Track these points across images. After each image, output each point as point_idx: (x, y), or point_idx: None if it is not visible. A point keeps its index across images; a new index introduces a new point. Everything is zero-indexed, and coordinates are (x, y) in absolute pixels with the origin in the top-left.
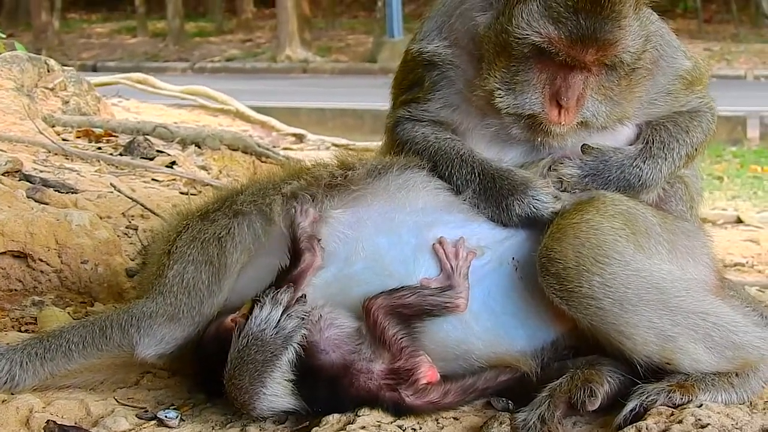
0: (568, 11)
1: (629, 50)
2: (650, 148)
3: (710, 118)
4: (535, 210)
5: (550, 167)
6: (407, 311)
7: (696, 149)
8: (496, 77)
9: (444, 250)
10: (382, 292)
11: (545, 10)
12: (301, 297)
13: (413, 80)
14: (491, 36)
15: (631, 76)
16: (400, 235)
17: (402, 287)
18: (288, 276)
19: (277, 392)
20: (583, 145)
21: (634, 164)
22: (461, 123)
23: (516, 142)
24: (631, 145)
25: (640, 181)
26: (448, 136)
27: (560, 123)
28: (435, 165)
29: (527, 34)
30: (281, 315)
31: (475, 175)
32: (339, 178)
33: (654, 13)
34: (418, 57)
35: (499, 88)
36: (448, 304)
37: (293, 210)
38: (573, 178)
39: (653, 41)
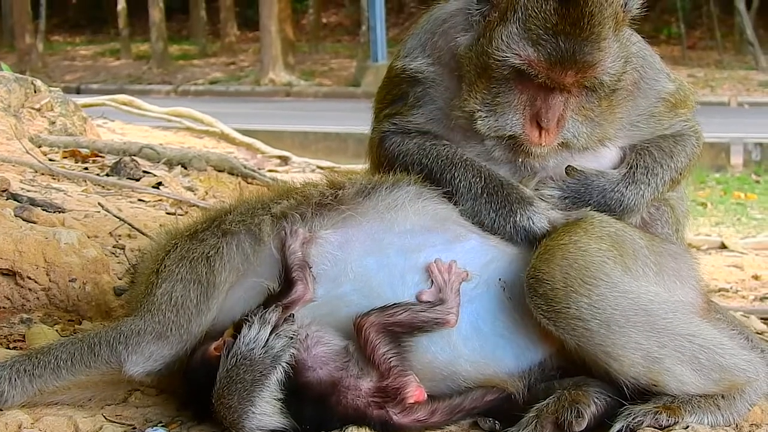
0: (548, 33)
1: (609, 72)
2: (633, 173)
3: (695, 142)
4: (531, 226)
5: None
6: (398, 329)
7: (680, 174)
8: (476, 99)
9: (436, 265)
10: (373, 309)
11: (525, 33)
12: (290, 316)
13: (397, 95)
14: (472, 57)
15: (611, 97)
16: (389, 256)
17: (393, 304)
18: (277, 303)
19: (265, 411)
20: (568, 166)
21: (616, 189)
22: (446, 139)
23: (498, 162)
24: (614, 167)
25: (621, 206)
26: (445, 143)
27: (541, 144)
28: (433, 172)
29: (507, 56)
30: (270, 334)
31: (481, 179)
32: (329, 198)
33: (636, 34)
34: (402, 74)
35: (480, 110)
36: (439, 320)
37: (283, 231)
38: (552, 199)
39: (634, 63)
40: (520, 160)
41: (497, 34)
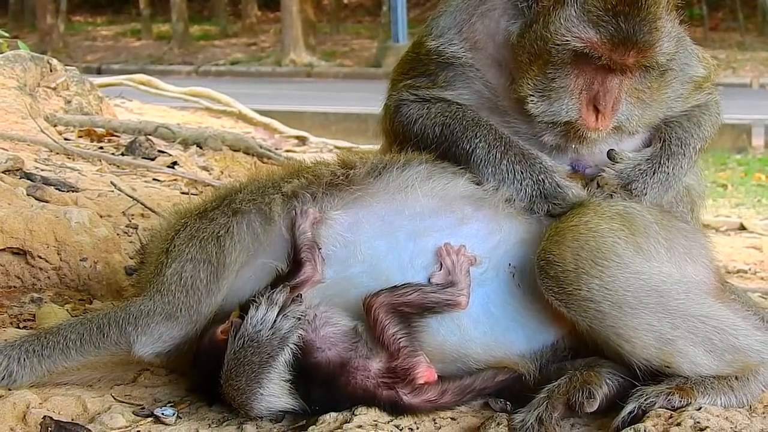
0: (608, 14)
1: (666, 51)
2: (669, 146)
3: (717, 109)
4: (561, 191)
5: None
6: (408, 309)
7: (706, 142)
8: (529, 84)
9: (445, 248)
10: (382, 289)
11: (584, 15)
12: (298, 297)
13: (422, 72)
14: (525, 44)
15: (662, 78)
16: (398, 240)
17: (404, 284)
18: (285, 283)
19: (274, 392)
20: (610, 150)
21: (661, 164)
22: None
23: (544, 148)
24: (645, 147)
25: (668, 180)
26: (470, 110)
27: (598, 128)
28: (454, 131)
29: (567, 40)
30: (277, 315)
31: (503, 145)
32: (340, 178)
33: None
34: (435, 56)
35: (532, 95)
36: (449, 301)
37: (294, 211)
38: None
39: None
40: (572, 146)
41: (555, 19)
